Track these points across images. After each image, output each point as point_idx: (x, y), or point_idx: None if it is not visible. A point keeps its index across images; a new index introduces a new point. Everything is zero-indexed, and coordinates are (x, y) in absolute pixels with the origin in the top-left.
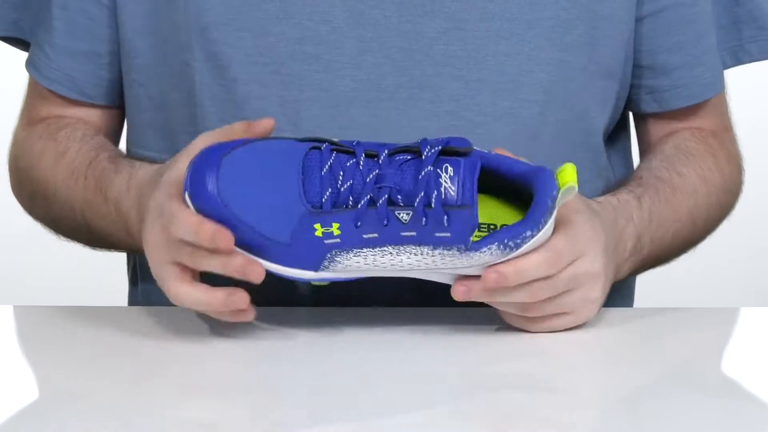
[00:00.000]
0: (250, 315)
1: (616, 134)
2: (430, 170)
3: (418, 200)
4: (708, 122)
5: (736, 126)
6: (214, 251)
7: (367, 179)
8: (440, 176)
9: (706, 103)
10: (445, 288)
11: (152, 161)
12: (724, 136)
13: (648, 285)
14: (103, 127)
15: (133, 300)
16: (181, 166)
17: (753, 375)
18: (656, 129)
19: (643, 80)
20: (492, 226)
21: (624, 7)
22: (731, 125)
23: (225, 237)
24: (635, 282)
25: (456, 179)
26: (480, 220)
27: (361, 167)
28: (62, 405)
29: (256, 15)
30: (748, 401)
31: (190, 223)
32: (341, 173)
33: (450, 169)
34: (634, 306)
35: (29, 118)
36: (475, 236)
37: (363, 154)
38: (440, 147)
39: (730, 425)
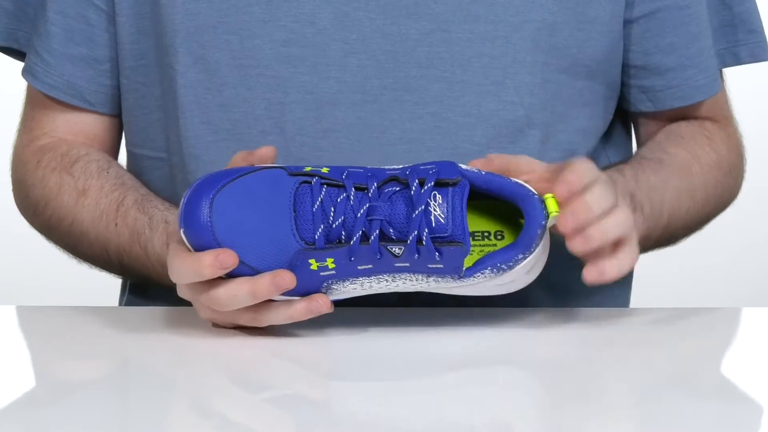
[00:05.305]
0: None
1: (613, 133)
2: (421, 210)
3: (410, 239)
4: (705, 113)
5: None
6: (222, 276)
7: (359, 214)
8: (429, 204)
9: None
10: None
11: (158, 159)
12: (722, 123)
13: (646, 284)
14: (107, 140)
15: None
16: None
17: (753, 375)
18: (653, 125)
19: (637, 80)
20: (486, 233)
21: (609, 9)
22: (731, 115)
23: (226, 257)
24: (632, 276)
25: (445, 207)
26: (474, 229)
27: (351, 201)
28: (64, 403)
29: (243, 18)
30: (747, 402)
31: (187, 265)
32: (332, 209)
33: (438, 197)
34: (630, 305)
35: (31, 130)
36: (471, 248)
37: (353, 188)
38: (432, 183)
39: (729, 426)
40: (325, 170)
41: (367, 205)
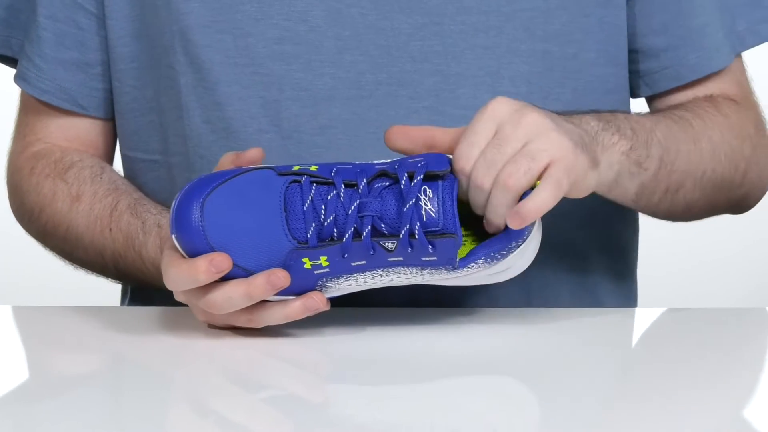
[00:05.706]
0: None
1: None
2: (412, 204)
3: (402, 233)
4: (715, 91)
5: None
6: (217, 281)
7: (349, 210)
8: (420, 199)
9: (711, 77)
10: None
11: (153, 162)
12: (739, 101)
13: (646, 285)
14: (101, 144)
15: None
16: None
17: (754, 375)
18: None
19: (634, 65)
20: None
21: None
22: (751, 97)
23: (220, 261)
24: (636, 282)
25: (435, 201)
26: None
27: (342, 199)
28: (60, 403)
29: (235, 17)
30: (748, 402)
31: (182, 272)
32: (323, 207)
33: (429, 191)
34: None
35: (25, 136)
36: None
37: (342, 185)
38: (421, 177)
39: (731, 425)
40: (313, 168)
41: (358, 201)
